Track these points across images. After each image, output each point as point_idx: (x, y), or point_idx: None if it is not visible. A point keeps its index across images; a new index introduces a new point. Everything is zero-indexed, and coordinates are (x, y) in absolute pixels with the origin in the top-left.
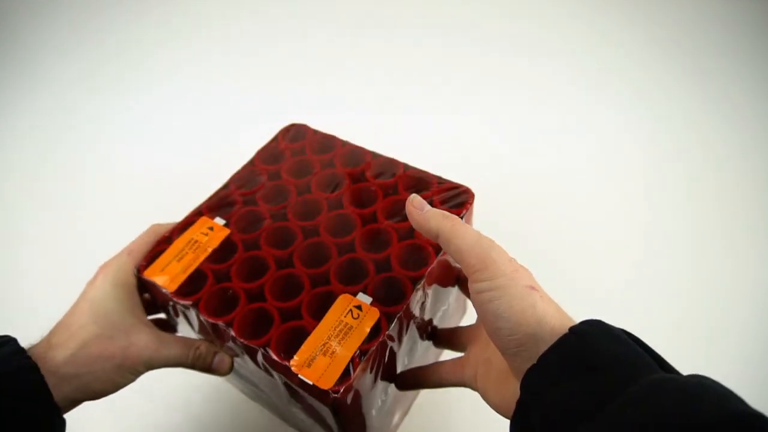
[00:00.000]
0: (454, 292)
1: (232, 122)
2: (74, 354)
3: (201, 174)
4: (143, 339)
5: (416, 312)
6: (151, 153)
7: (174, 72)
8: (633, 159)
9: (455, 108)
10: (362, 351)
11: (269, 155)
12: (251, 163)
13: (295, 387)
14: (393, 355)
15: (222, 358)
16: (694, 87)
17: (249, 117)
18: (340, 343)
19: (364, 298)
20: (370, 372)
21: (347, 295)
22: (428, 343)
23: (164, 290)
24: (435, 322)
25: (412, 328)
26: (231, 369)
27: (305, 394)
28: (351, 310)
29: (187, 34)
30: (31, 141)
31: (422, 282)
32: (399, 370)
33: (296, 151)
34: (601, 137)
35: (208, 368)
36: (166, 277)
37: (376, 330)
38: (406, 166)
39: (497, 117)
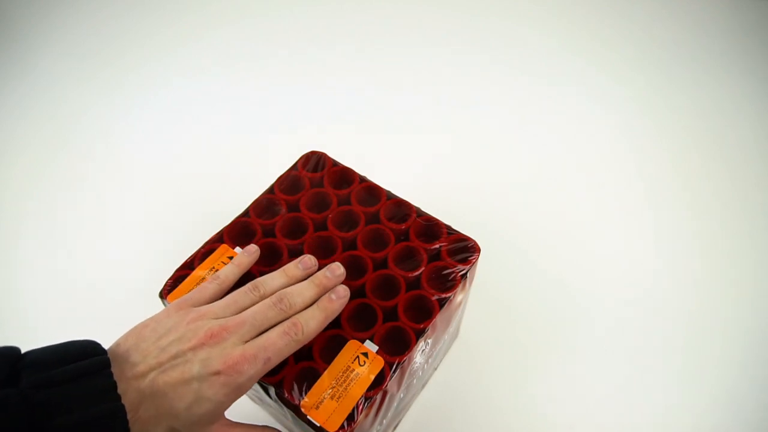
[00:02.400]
0: (451, 330)
1: (243, 124)
2: None
3: (210, 175)
4: None
5: (417, 357)
6: (160, 155)
7: (185, 72)
8: (629, 163)
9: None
10: (366, 397)
11: (289, 184)
12: (270, 190)
13: (303, 422)
14: (393, 396)
15: None
16: (690, 88)
17: (261, 120)
18: (346, 389)
19: (371, 346)
20: (374, 414)
21: (356, 342)
22: (425, 371)
23: None
24: (430, 360)
25: (411, 368)
26: None
27: (311, 429)
28: (358, 356)
29: (200, 35)
30: (36, 142)
31: (426, 334)
32: (396, 404)
33: (315, 182)
34: (597, 141)
35: None
36: None
37: (380, 377)
38: (418, 212)
39: (489, 120)
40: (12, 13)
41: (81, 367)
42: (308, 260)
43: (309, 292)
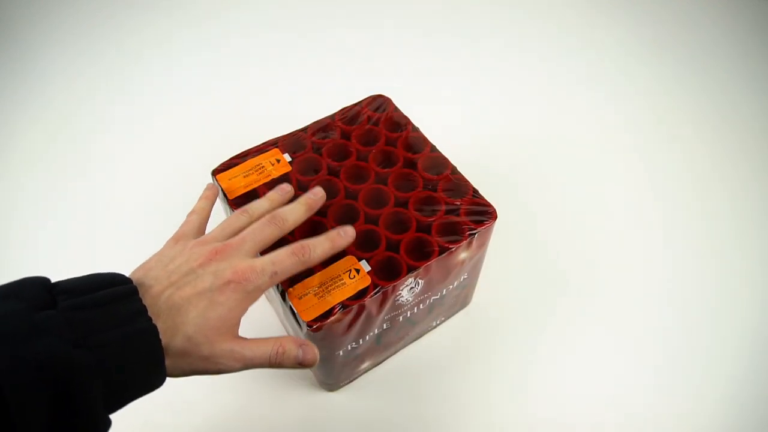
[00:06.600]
0: (453, 288)
1: (244, 124)
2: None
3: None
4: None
5: (404, 293)
6: (160, 154)
7: (185, 71)
8: (635, 159)
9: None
10: (344, 305)
11: (349, 115)
12: (332, 117)
13: (287, 307)
14: (371, 318)
15: (308, 350)
16: (695, 87)
17: (262, 119)
18: (330, 292)
19: (365, 266)
20: (347, 325)
21: (353, 258)
22: (416, 317)
23: (224, 195)
24: (422, 306)
25: (396, 303)
26: (317, 360)
27: (291, 315)
28: (350, 270)
29: (200, 29)
30: (36, 141)
31: (417, 272)
32: (377, 331)
33: (373, 120)
34: (604, 135)
35: (294, 363)
36: (229, 186)
37: (363, 293)
38: (453, 170)
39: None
40: (12, 13)
41: (110, 293)
42: (285, 186)
43: (298, 209)
